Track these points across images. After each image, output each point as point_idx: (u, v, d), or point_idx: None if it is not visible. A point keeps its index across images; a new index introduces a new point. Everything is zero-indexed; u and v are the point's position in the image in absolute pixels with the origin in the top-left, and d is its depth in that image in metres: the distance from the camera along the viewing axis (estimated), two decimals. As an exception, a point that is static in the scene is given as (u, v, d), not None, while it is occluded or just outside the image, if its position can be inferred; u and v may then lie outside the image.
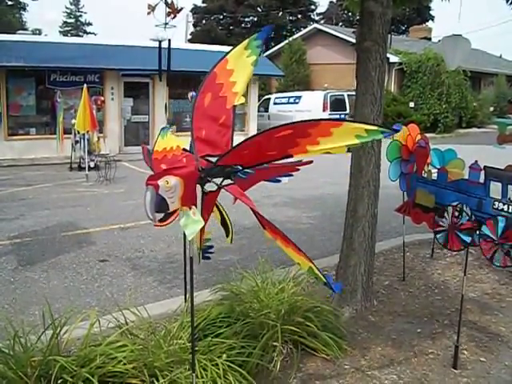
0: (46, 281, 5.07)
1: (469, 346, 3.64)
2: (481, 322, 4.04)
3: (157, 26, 14.52)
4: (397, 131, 2.48)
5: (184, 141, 3.04)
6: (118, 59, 15.00)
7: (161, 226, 2.73)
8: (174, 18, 13.94)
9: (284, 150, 2.35)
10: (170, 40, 14.97)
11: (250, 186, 3.00)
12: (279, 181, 3.35)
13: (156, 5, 13.74)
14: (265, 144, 2.36)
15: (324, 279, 2.48)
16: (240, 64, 2.67)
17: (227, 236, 3.20)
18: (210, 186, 2.61)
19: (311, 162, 3.16)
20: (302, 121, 2.30)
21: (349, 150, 3.74)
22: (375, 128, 2.29)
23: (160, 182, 2.22)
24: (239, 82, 2.64)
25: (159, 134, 3.25)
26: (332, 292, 4.14)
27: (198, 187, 2.51)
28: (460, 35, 8.39)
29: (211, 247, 3.22)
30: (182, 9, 13.76)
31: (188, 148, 2.80)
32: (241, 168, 2.54)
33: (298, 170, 3.32)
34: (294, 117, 18.22)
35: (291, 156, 2.38)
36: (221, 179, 2.63)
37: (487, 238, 3.40)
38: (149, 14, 13.75)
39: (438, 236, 3.85)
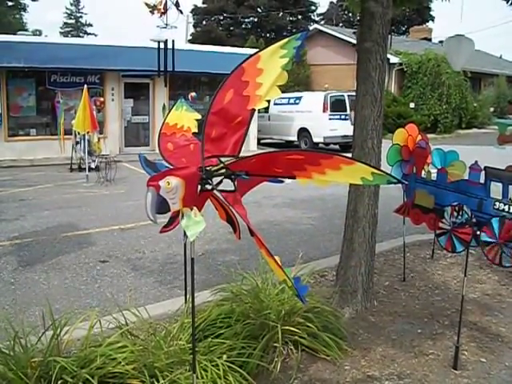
0: (47, 281, 5.07)
1: (469, 346, 3.64)
2: (481, 322, 4.03)
3: (158, 26, 14.60)
4: (401, 182, 2.45)
5: (195, 121, 3.15)
6: (119, 60, 15.00)
7: (166, 231, 2.74)
8: (161, 15, 14.21)
9: (290, 170, 2.41)
10: (173, 41, 14.98)
11: (251, 186, 2.98)
12: (282, 181, 3.33)
13: (155, 5, 13.89)
14: (274, 160, 2.43)
15: (296, 292, 2.53)
16: (271, 64, 2.41)
17: (235, 232, 3.09)
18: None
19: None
20: (315, 150, 2.35)
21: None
22: (382, 174, 2.28)
23: (161, 183, 2.22)
24: (265, 85, 2.39)
25: (174, 105, 3.33)
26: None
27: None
28: (463, 35, 8.38)
29: None
30: (168, 9, 14.11)
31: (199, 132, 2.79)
32: (244, 173, 2.55)
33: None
34: (294, 117, 18.22)
35: (294, 177, 2.43)
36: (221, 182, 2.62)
37: (489, 244, 3.38)
38: (152, 13, 13.90)
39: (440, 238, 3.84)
